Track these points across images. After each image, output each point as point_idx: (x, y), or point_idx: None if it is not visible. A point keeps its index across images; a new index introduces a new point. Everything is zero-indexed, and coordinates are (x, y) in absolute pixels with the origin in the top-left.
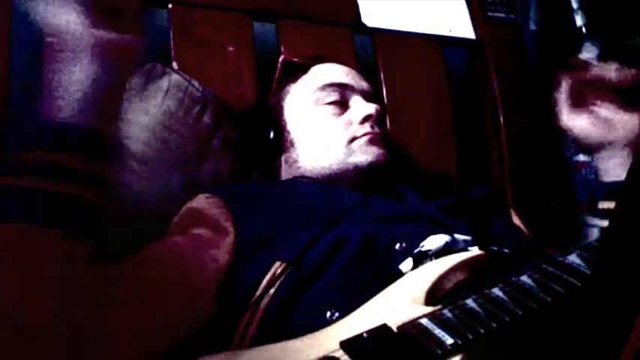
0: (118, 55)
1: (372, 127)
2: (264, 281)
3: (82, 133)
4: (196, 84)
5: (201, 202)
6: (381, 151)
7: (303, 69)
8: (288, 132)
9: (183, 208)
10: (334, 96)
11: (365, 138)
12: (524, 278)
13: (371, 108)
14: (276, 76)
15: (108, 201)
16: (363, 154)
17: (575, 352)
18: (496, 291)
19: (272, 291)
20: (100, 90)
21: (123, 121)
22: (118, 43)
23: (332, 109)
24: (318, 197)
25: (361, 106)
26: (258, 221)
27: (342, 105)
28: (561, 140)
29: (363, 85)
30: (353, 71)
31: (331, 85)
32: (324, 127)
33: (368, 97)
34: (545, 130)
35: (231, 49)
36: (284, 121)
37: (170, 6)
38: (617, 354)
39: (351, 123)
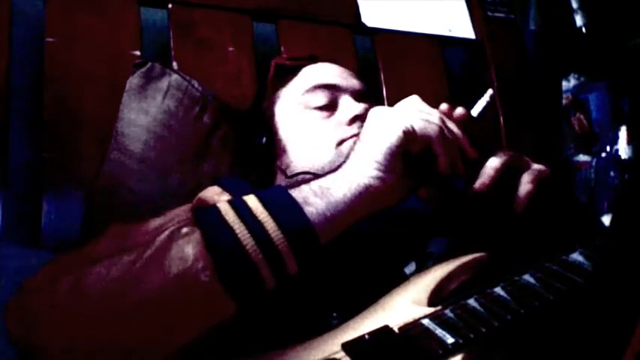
0: None
1: (360, 127)
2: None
3: None
4: (196, 84)
5: (211, 192)
6: None
7: (295, 71)
8: (280, 138)
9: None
10: (322, 98)
11: (353, 140)
12: (527, 277)
13: (359, 108)
14: (269, 79)
15: None
16: None
17: (577, 352)
18: (498, 290)
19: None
20: None
21: (123, 120)
22: None
23: (320, 111)
24: None
25: (349, 107)
26: None
27: (331, 106)
28: (561, 140)
29: (354, 83)
30: (343, 70)
31: (319, 87)
32: (313, 131)
33: (359, 95)
34: (545, 129)
35: (231, 49)
36: (275, 126)
37: (170, 6)
38: (619, 354)
39: (339, 125)
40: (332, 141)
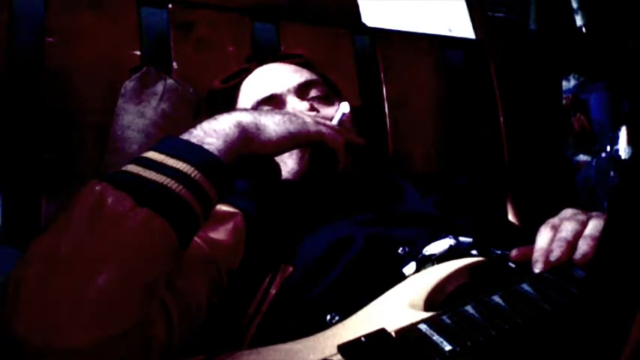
0: None
1: None
2: (266, 281)
3: None
4: (190, 89)
5: None
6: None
7: (236, 89)
8: None
9: None
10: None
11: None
12: (525, 286)
13: (302, 106)
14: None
15: None
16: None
17: None
18: (496, 298)
19: (273, 291)
20: None
21: (119, 123)
22: None
23: None
24: (313, 195)
25: (292, 108)
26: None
27: None
28: (561, 140)
29: (294, 79)
30: (281, 67)
31: (260, 102)
32: None
33: (303, 88)
34: (545, 130)
35: (231, 49)
36: None
37: (170, 6)
38: None
39: None
40: None
